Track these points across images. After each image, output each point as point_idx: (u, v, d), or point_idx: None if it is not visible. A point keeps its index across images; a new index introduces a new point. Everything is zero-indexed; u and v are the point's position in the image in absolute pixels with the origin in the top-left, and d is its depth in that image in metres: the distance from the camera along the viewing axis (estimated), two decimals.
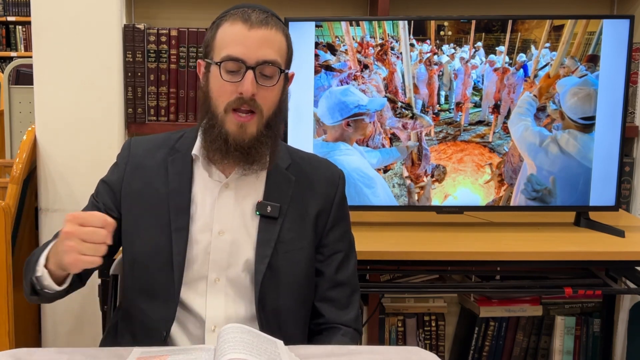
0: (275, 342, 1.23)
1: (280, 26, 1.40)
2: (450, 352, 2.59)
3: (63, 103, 2.19)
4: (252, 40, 1.35)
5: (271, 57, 1.36)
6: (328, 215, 1.50)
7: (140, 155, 1.50)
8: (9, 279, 1.98)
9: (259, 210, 1.44)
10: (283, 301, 1.43)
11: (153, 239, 1.43)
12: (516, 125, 2.11)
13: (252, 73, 1.35)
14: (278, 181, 1.47)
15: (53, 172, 2.21)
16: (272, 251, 1.43)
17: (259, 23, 1.36)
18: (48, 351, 1.31)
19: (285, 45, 1.41)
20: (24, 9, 6.48)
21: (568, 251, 1.99)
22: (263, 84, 1.36)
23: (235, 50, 1.35)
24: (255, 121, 1.38)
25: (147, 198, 1.45)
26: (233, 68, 1.36)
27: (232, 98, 1.37)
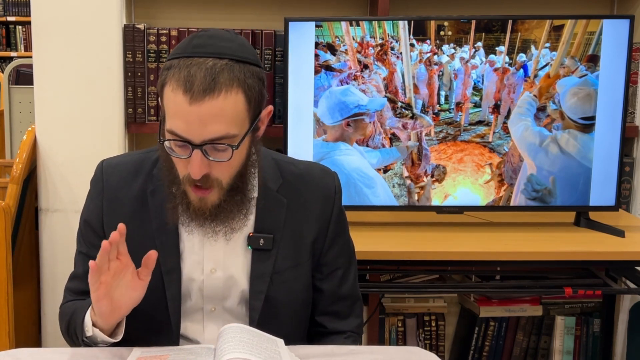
0: (275, 341, 1.23)
1: (234, 81, 1.19)
2: (450, 352, 2.59)
3: (63, 103, 2.19)
4: (194, 117, 1.17)
5: (219, 133, 1.19)
6: (325, 236, 1.42)
7: (115, 187, 1.39)
8: (9, 279, 1.98)
9: (251, 245, 1.36)
10: (281, 329, 1.36)
11: None
12: (516, 125, 2.11)
13: (200, 153, 1.19)
14: (269, 207, 1.37)
15: (53, 172, 2.21)
16: (267, 286, 1.36)
17: (202, 93, 1.16)
18: (48, 351, 1.31)
19: (244, 104, 1.21)
20: (24, 9, 6.48)
21: (568, 251, 1.99)
22: (216, 159, 1.21)
23: (178, 127, 1.19)
24: (216, 192, 1.26)
25: (132, 237, 1.32)
26: (180, 144, 1.21)
27: (186, 174, 1.24)
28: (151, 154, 1.41)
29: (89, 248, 1.41)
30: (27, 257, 2.27)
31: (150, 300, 1.35)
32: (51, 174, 2.22)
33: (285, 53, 2.09)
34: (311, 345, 1.34)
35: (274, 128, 2.26)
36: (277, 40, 2.23)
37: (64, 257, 2.22)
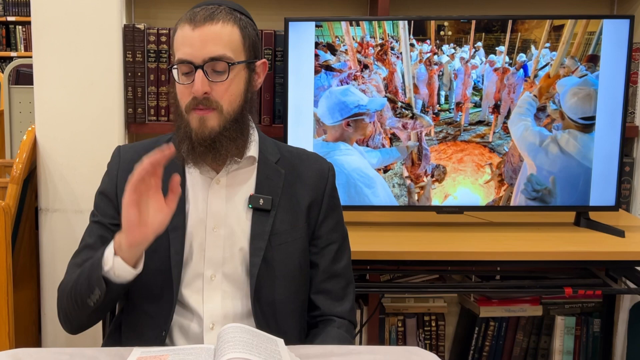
0: (275, 341, 1.23)
1: (231, 17, 1.39)
2: (450, 352, 2.59)
3: (63, 103, 2.19)
4: (196, 39, 1.36)
5: (217, 52, 1.37)
6: (320, 206, 1.51)
7: (130, 160, 1.48)
8: (9, 279, 1.98)
9: (252, 204, 1.45)
10: (278, 293, 1.44)
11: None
12: (516, 125, 2.11)
13: (202, 72, 1.36)
14: (268, 174, 1.48)
15: (53, 172, 2.21)
16: (266, 244, 1.44)
17: (203, 20, 1.36)
18: (48, 351, 1.31)
19: (239, 36, 1.40)
20: (24, 9, 6.48)
21: (568, 251, 1.99)
22: (215, 80, 1.37)
23: (183, 53, 1.37)
24: (216, 116, 1.39)
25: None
26: (186, 70, 1.38)
27: (189, 99, 1.39)
28: (163, 137, 1.55)
29: (101, 216, 1.49)
30: (27, 257, 2.27)
31: (154, 260, 1.41)
32: (51, 174, 2.22)
33: (285, 53, 2.09)
34: (311, 345, 1.34)
35: (274, 128, 2.26)
36: (277, 40, 2.23)
37: (64, 257, 2.21)
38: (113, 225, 1.47)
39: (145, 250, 1.43)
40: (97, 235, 1.48)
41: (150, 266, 1.42)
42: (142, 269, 1.35)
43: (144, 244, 1.31)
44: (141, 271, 1.42)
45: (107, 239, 1.44)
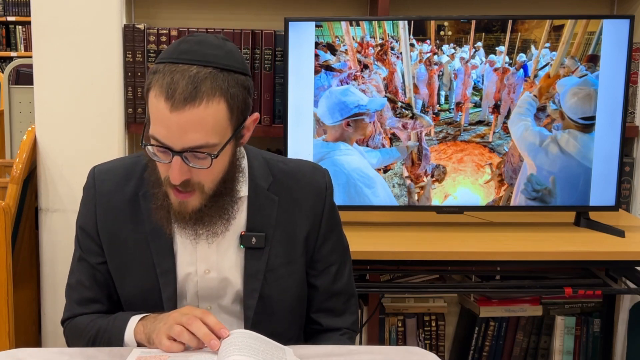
0: (283, 349, 1.22)
1: (216, 90, 1.19)
2: (450, 352, 2.59)
3: (63, 103, 2.19)
4: (175, 125, 1.18)
5: (198, 142, 1.19)
6: (318, 232, 1.42)
7: (107, 192, 1.39)
8: (9, 279, 1.98)
9: (243, 244, 1.37)
10: (276, 326, 1.39)
11: (141, 284, 1.38)
12: (516, 125, 2.11)
13: (180, 159, 1.20)
14: (260, 205, 1.38)
15: (53, 172, 2.21)
16: (261, 283, 1.37)
17: (183, 102, 1.16)
18: (48, 351, 1.31)
19: (226, 112, 1.21)
20: (24, 9, 6.48)
21: (568, 251, 1.99)
22: (196, 166, 1.22)
23: (159, 133, 1.20)
24: (197, 197, 1.27)
25: (127, 241, 1.38)
26: (161, 149, 1.22)
27: (167, 176, 1.25)
28: (142, 157, 1.40)
29: (88, 255, 1.42)
30: (27, 257, 2.27)
31: (147, 302, 1.37)
32: (51, 174, 2.22)
33: (285, 53, 2.09)
34: (311, 345, 1.34)
35: (274, 128, 2.26)
36: (277, 40, 2.23)
37: (64, 257, 2.22)
38: (99, 265, 1.40)
39: (136, 290, 1.39)
40: (88, 275, 1.41)
41: (141, 304, 1.38)
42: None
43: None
44: (134, 307, 1.39)
45: (99, 279, 1.41)
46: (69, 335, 1.44)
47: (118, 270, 1.40)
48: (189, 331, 1.20)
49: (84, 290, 1.42)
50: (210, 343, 1.18)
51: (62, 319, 1.46)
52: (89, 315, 1.41)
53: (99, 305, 1.42)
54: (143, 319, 1.33)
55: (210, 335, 1.19)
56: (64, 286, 2.08)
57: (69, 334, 1.44)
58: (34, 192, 2.27)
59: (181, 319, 1.22)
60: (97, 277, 1.41)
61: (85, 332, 1.39)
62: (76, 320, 1.42)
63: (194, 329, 1.20)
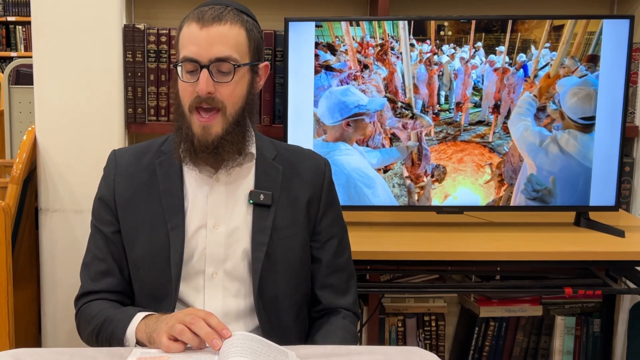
0: (286, 353, 1.22)
1: (238, 19, 1.40)
2: (450, 352, 2.59)
3: (63, 103, 2.19)
4: (204, 39, 1.36)
5: (224, 53, 1.37)
6: (319, 202, 1.52)
7: (127, 164, 1.51)
8: (9, 279, 1.98)
9: (252, 199, 1.46)
10: (281, 287, 1.45)
11: (151, 241, 1.45)
12: (516, 125, 2.11)
13: (207, 71, 1.36)
14: (266, 170, 1.49)
15: (53, 172, 2.21)
16: (268, 238, 1.45)
17: (211, 20, 1.36)
18: (48, 351, 1.31)
19: (245, 38, 1.41)
20: (24, 9, 6.48)
21: (568, 251, 1.99)
22: (220, 81, 1.38)
23: (189, 51, 1.37)
24: (220, 120, 1.39)
25: (141, 203, 1.47)
26: (190, 68, 1.38)
27: (193, 97, 1.39)
28: (160, 139, 1.54)
29: (102, 225, 1.49)
30: (27, 257, 2.27)
31: (155, 264, 1.43)
32: (51, 174, 2.22)
33: (285, 53, 2.09)
34: (311, 345, 1.34)
35: (274, 128, 2.26)
36: (277, 40, 2.22)
37: (64, 257, 2.22)
38: (113, 234, 1.48)
39: (146, 250, 1.45)
40: (102, 246, 1.49)
41: (150, 266, 1.44)
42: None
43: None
44: (142, 271, 1.44)
45: (112, 250, 1.48)
46: (80, 318, 1.49)
47: (130, 232, 1.47)
48: (191, 331, 1.22)
49: (97, 263, 1.48)
50: (212, 342, 1.19)
51: (75, 296, 1.51)
52: (102, 302, 1.46)
53: (111, 278, 1.47)
54: (147, 317, 1.35)
55: (212, 335, 1.20)
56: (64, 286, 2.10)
57: (80, 317, 1.49)
58: (34, 192, 2.26)
59: (184, 319, 1.23)
60: (110, 247, 1.48)
61: (94, 319, 1.44)
62: (88, 306, 1.47)
63: (196, 328, 1.21)
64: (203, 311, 1.26)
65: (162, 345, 1.23)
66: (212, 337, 1.20)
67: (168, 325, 1.24)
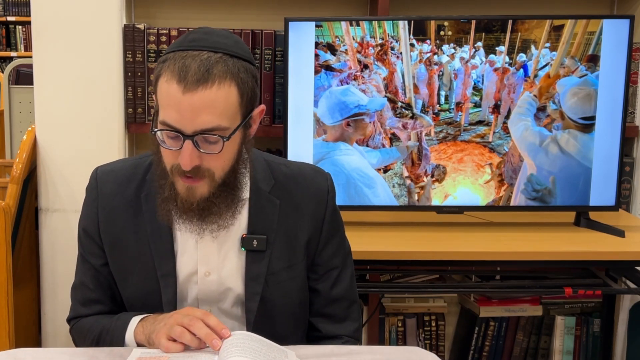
0: (286, 353, 1.21)
1: (227, 74, 1.20)
2: (450, 352, 2.59)
3: (63, 103, 2.19)
4: (187, 107, 1.18)
5: (210, 124, 1.19)
6: (319, 236, 1.41)
7: (109, 194, 1.39)
8: (9, 279, 1.98)
9: (245, 246, 1.36)
10: (278, 330, 1.37)
11: (142, 286, 1.38)
12: (516, 125, 2.11)
13: (191, 143, 1.19)
14: (262, 208, 1.37)
15: (53, 172, 2.21)
16: (262, 286, 1.36)
17: (195, 83, 1.17)
18: (48, 351, 1.31)
19: (236, 97, 1.22)
20: (24, 9, 6.48)
21: (568, 251, 1.99)
22: (207, 151, 1.22)
23: (170, 117, 1.19)
24: (206, 183, 1.26)
25: (128, 243, 1.38)
26: (172, 135, 1.21)
27: (175, 164, 1.24)
28: (145, 159, 1.41)
29: (90, 257, 1.43)
30: (27, 257, 2.27)
31: (148, 305, 1.37)
32: (51, 174, 2.22)
33: (285, 53, 2.09)
34: (311, 345, 1.34)
35: (274, 128, 2.26)
36: (277, 40, 2.23)
37: (64, 257, 2.22)
38: (102, 266, 1.41)
39: (137, 292, 1.40)
40: (91, 277, 1.42)
41: (142, 306, 1.39)
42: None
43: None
44: (135, 307, 1.40)
45: (102, 281, 1.42)
46: (75, 336, 1.45)
47: (120, 272, 1.40)
48: (190, 332, 1.20)
49: (87, 291, 1.43)
50: (212, 343, 1.18)
51: (67, 317, 1.48)
52: (94, 316, 1.42)
53: (102, 306, 1.43)
54: (143, 319, 1.33)
55: (212, 335, 1.19)
56: (64, 286, 2.09)
57: (75, 334, 1.45)
58: (34, 192, 2.27)
59: (182, 320, 1.21)
60: (99, 278, 1.42)
61: (90, 332, 1.40)
62: (81, 322, 1.43)
63: (195, 329, 1.20)
64: (201, 311, 1.24)
65: (162, 346, 1.21)
66: (211, 337, 1.18)
67: (167, 326, 1.23)
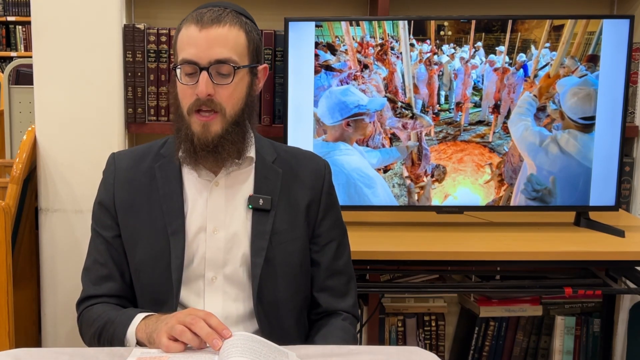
0: (286, 353, 1.22)
1: (237, 21, 1.39)
2: (450, 352, 2.59)
3: (63, 103, 2.19)
4: (203, 40, 1.36)
5: (223, 55, 1.36)
6: (318, 205, 1.51)
7: (126, 168, 1.51)
8: (9, 279, 1.98)
9: (251, 204, 1.46)
10: (280, 292, 1.45)
11: (152, 246, 1.45)
12: (516, 125, 2.11)
13: (206, 74, 1.36)
14: (266, 174, 1.49)
15: (53, 172, 2.21)
16: (267, 243, 1.44)
17: (210, 22, 1.36)
18: (48, 351, 1.31)
19: (245, 40, 1.40)
20: (24, 9, 6.48)
21: (568, 251, 1.99)
22: (220, 83, 1.37)
23: (188, 53, 1.37)
24: (219, 120, 1.39)
25: (141, 207, 1.47)
26: (190, 70, 1.38)
27: (192, 100, 1.38)
28: (158, 142, 1.54)
29: (103, 229, 1.49)
30: (27, 257, 2.27)
31: (156, 268, 1.43)
32: (51, 174, 2.21)
33: (285, 53, 2.09)
34: (311, 345, 1.34)
35: (274, 128, 2.26)
36: (277, 40, 2.23)
37: (64, 257, 2.22)
38: (114, 238, 1.48)
39: (146, 255, 1.45)
40: (103, 250, 1.49)
41: (151, 270, 1.44)
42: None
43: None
44: (144, 275, 1.44)
45: (113, 254, 1.48)
46: (82, 322, 1.49)
47: (131, 237, 1.46)
48: (192, 331, 1.22)
49: (98, 267, 1.48)
50: (212, 342, 1.20)
51: (77, 300, 1.51)
52: (103, 305, 1.46)
53: (112, 283, 1.47)
54: (147, 317, 1.35)
55: (212, 335, 1.20)
56: (64, 286, 2.10)
57: (82, 321, 1.49)
58: (34, 192, 2.26)
59: (184, 319, 1.23)
60: (111, 251, 1.48)
61: (96, 322, 1.44)
62: (90, 310, 1.47)
63: (196, 329, 1.22)
64: (203, 311, 1.26)
65: (162, 345, 1.23)
66: (212, 337, 1.20)
67: (168, 325, 1.24)
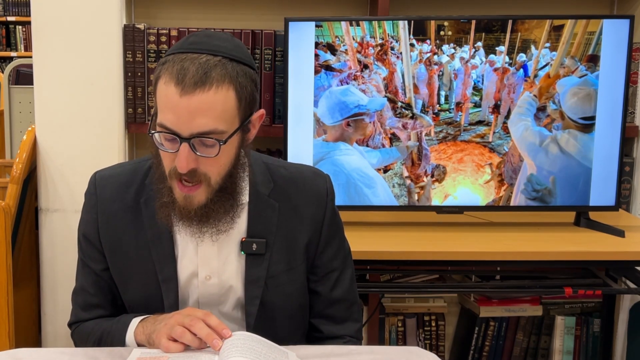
0: (286, 353, 1.21)
1: (226, 77, 1.20)
2: (450, 352, 2.59)
3: (63, 103, 2.19)
4: (184, 109, 1.17)
5: (207, 127, 1.18)
6: (319, 239, 1.41)
7: (109, 200, 1.39)
8: (9, 279, 1.98)
9: (244, 250, 1.36)
10: (278, 333, 1.36)
11: (143, 290, 1.39)
12: (516, 125, 2.11)
13: (188, 146, 1.19)
14: (261, 211, 1.37)
15: (53, 172, 2.21)
16: (262, 290, 1.37)
17: (193, 86, 1.17)
18: (48, 351, 1.31)
19: (234, 101, 1.21)
20: (24, 9, 6.48)
21: (568, 251, 1.99)
22: (203, 154, 1.21)
23: (167, 119, 1.19)
24: (203, 190, 1.25)
25: (128, 248, 1.38)
26: (169, 137, 1.21)
27: (173, 167, 1.24)
28: (143, 163, 1.41)
29: (90, 262, 1.43)
30: (27, 257, 2.27)
31: (149, 308, 1.37)
32: (51, 174, 2.22)
33: (285, 53, 2.09)
34: (311, 345, 1.34)
35: (274, 128, 2.26)
36: (277, 40, 2.23)
37: (64, 257, 2.22)
38: (102, 271, 1.41)
39: (138, 296, 1.40)
40: (92, 282, 1.42)
41: (144, 310, 1.39)
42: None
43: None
44: (137, 310, 1.40)
45: (102, 286, 1.42)
46: (77, 340, 1.45)
47: (120, 277, 1.40)
48: (191, 332, 1.21)
49: (87, 296, 1.43)
50: (212, 343, 1.18)
51: (68, 322, 1.48)
52: (94, 320, 1.42)
53: (103, 310, 1.43)
54: (144, 320, 1.33)
55: (212, 335, 1.19)
56: (64, 286, 2.09)
57: (76, 338, 1.45)
58: (34, 192, 2.27)
59: (183, 320, 1.22)
60: (100, 283, 1.42)
61: (91, 335, 1.40)
62: (82, 326, 1.44)
63: (196, 329, 1.20)
64: (201, 311, 1.24)
65: (162, 346, 1.21)
66: (212, 337, 1.19)
67: (167, 326, 1.23)
